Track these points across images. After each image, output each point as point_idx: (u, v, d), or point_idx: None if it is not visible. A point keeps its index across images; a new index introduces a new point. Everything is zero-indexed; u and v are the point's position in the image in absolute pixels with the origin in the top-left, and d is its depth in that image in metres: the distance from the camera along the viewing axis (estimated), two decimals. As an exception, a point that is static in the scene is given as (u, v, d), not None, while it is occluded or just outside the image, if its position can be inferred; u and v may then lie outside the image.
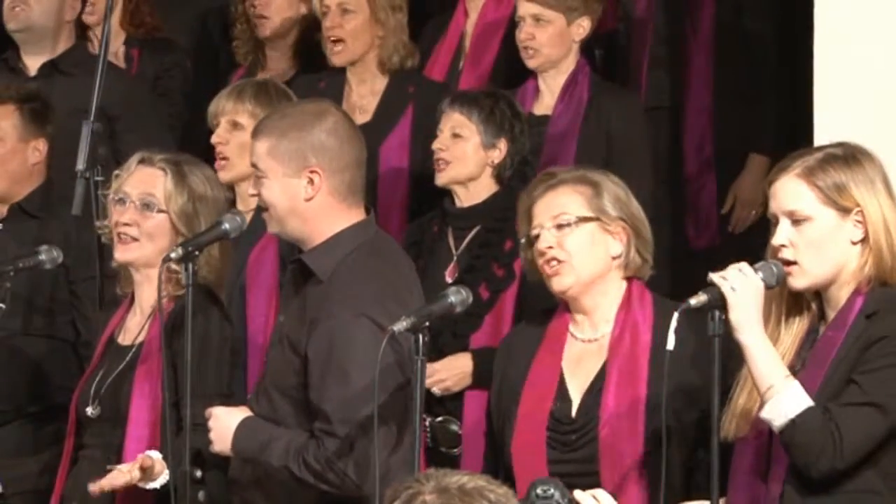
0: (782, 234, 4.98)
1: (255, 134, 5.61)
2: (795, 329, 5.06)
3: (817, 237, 4.97)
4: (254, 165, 5.60)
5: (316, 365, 5.30)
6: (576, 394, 5.39)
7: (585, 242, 5.42)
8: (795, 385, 4.84)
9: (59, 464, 6.14)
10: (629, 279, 5.47)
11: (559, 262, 5.40)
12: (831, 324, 5.00)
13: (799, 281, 4.96)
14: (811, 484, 4.90)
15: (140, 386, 5.94)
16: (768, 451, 5.02)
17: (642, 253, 5.46)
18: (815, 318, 5.06)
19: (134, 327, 6.05)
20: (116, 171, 6.10)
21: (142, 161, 6.01)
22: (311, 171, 5.50)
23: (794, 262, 4.97)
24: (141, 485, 5.70)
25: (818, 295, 5.05)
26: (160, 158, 6.03)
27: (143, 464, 5.69)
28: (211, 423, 5.48)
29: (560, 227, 5.40)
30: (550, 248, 5.41)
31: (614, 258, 5.43)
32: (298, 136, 5.51)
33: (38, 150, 6.71)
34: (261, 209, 5.93)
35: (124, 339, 6.06)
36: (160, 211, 5.94)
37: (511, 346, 5.63)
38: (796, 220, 4.97)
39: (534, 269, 5.50)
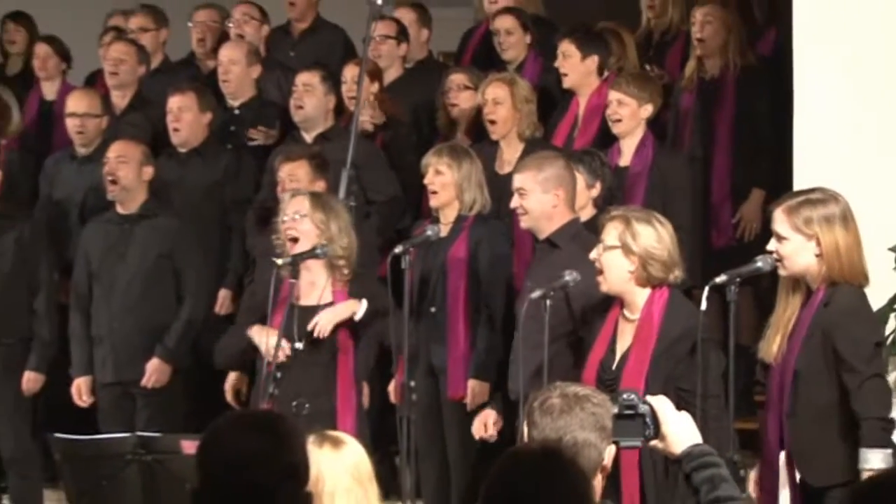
0: (772, 244, 5.06)
1: (519, 170, 5.94)
2: (798, 299, 5.06)
3: (790, 250, 5.01)
4: (520, 189, 5.79)
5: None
6: (619, 352, 5.25)
7: (613, 261, 5.25)
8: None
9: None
10: (659, 285, 5.24)
11: (600, 271, 5.29)
12: (805, 308, 5.02)
13: (781, 271, 5.05)
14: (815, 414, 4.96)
15: (345, 331, 5.87)
16: (781, 380, 5.01)
17: (659, 271, 5.21)
18: (806, 296, 5.06)
19: (310, 295, 5.91)
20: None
21: (293, 195, 6.06)
22: (557, 190, 5.76)
23: (779, 260, 5.03)
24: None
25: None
26: (304, 191, 6.11)
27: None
28: None
29: (604, 247, 5.29)
30: (595, 259, 5.30)
31: (630, 272, 5.22)
32: (539, 169, 5.82)
33: (322, 186, 6.64)
34: (460, 223, 6.29)
35: (307, 301, 5.92)
36: (304, 216, 5.92)
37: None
38: (779, 237, 5.04)
39: None
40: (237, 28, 8.02)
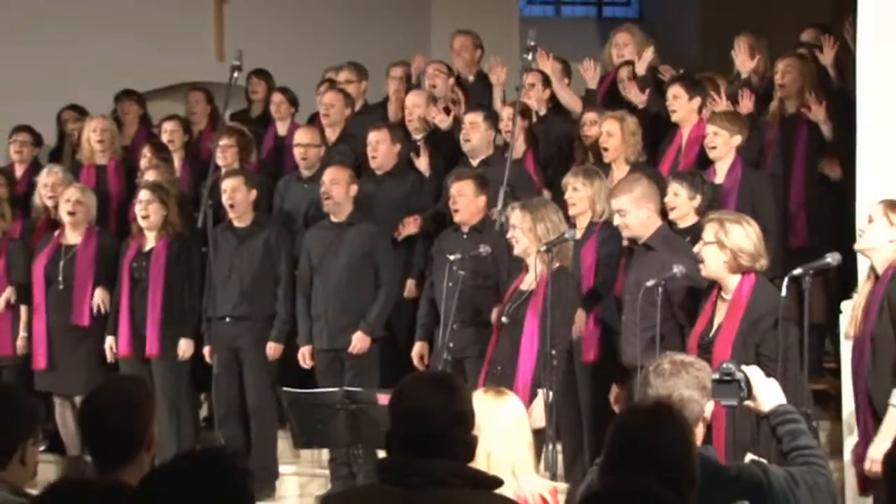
0: (863, 222, 5.20)
1: (615, 195, 5.85)
2: (869, 285, 5.07)
3: (873, 229, 5.08)
4: (620, 211, 5.72)
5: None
6: (716, 324, 5.17)
7: (711, 253, 5.18)
8: None
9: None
10: (747, 272, 5.14)
11: (701, 260, 5.23)
12: (877, 285, 5.00)
13: (858, 244, 5.07)
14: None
15: (532, 310, 5.84)
16: (860, 349, 5.03)
17: (747, 261, 5.12)
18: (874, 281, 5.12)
19: (527, 282, 5.95)
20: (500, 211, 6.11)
21: (512, 207, 6.05)
22: (648, 204, 5.73)
23: (861, 235, 5.07)
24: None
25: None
26: (525, 202, 6.01)
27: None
28: None
29: (703, 242, 5.23)
30: (698, 251, 5.26)
31: (724, 262, 5.15)
32: (631, 191, 5.79)
33: (483, 200, 6.65)
34: (591, 227, 6.17)
35: (525, 286, 5.95)
36: (515, 225, 5.89)
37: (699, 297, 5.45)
38: (870, 220, 5.14)
39: None
40: (430, 80, 8.01)
